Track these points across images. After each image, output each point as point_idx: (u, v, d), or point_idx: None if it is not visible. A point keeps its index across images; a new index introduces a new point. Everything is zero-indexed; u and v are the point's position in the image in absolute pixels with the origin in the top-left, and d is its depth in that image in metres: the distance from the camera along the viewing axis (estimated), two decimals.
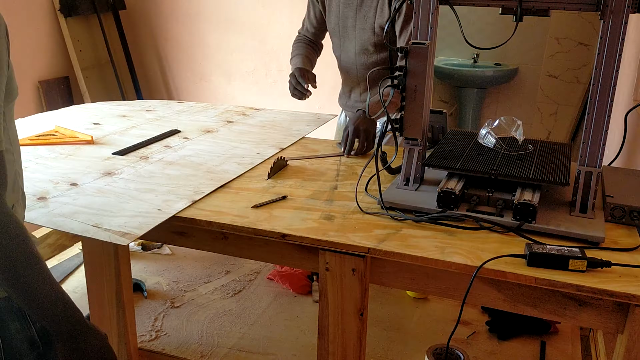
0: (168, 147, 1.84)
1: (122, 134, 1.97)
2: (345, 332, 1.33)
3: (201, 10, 3.54)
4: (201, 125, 2.10)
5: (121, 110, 2.30)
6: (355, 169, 1.70)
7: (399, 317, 1.97)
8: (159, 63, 3.77)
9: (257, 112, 2.30)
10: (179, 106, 2.39)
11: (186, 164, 1.69)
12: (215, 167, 1.67)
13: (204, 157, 1.75)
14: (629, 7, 1.20)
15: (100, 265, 1.53)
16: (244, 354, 1.79)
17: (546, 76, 3.47)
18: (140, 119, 2.16)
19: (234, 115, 2.24)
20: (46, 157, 1.72)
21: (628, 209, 1.32)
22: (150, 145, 1.85)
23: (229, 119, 2.19)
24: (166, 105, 2.41)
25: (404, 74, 1.36)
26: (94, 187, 1.52)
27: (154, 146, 1.85)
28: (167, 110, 2.32)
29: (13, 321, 1.01)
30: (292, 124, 2.13)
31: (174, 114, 2.26)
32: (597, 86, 1.27)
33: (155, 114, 2.24)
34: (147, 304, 2.04)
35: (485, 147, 1.54)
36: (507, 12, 1.37)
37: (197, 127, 2.07)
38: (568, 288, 1.11)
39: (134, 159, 1.73)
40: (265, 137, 1.97)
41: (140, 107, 2.36)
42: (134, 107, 2.33)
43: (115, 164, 1.68)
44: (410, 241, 1.25)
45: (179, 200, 1.43)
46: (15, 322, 1.01)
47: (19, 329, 1.01)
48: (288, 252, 1.37)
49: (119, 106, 2.37)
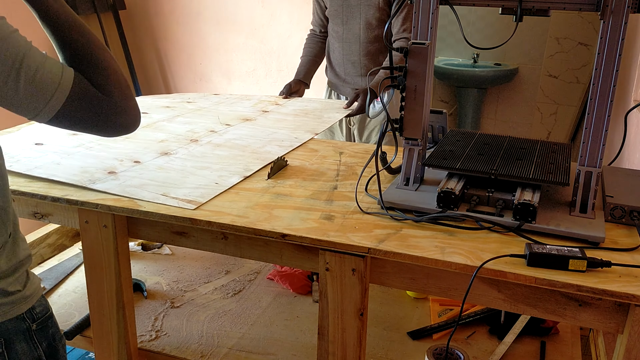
0: (213, 132, 2.01)
1: (170, 121, 2.13)
2: (345, 332, 1.33)
3: (201, 10, 3.54)
4: (239, 114, 2.25)
5: (164, 102, 2.46)
6: (355, 169, 1.70)
7: (399, 317, 1.97)
8: (159, 63, 3.77)
9: (289, 102, 2.44)
10: (216, 98, 2.54)
11: (232, 146, 1.86)
12: (259, 148, 1.85)
13: (247, 140, 1.92)
14: (629, 7, 1.20)
15: (100, 265, 1.53)
16: (244, 354, 1.79)
17: (546, 76, 3.47)
18: (182, 110, 2.32)
19: (268, 105, 2.39)
20: (107, 139, 1.89)
21: (628, 209, 1.32)
22: (197, 130, 2.04)
23: (263, 108, 2.34)
24: (204, 97, 2.55)
25: (404, 74, 1.36)
26: (155, 164, 1.70)
27: (201, 131, 2.02)
28: (205, 101, 2.46)
29: (20, 342, 1.00)
30: (322, 112, 2.27)
31: (212, 105, 2.41)
32: (597, 86, 1.27)
33: (195, 105, 2.39)
34: (147, 304, 2.04)
35: (486, 147, 1.54)
36: (507, 12, 1.37)
37: (236, 116, 2.22)
38: (568, 288, 1.11)
39: (185, 141, 1.91)
40: (300, 124, 2.13)
41: (181, 99, 2.52)
42: (175, 100, 2.50)
43: (170, 146, 1.86)
44: (410, 241, 1.25)
45: (232, 176, 1.60)
46: (22, 343, 1.00)
47: (25, 350, 1.00)
48: (288, 252, 1.37)
49: (160, 99, 2.54)
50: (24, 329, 1.00)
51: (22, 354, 1.00)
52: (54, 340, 1.06)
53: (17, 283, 1.00)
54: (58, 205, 1.55)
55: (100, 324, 1.59)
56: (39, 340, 1.02)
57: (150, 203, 1.43)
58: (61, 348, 1.09)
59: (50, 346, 1.04)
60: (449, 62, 3.69)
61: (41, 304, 1.05)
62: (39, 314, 1.03)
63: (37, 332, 1.02)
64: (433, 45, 1.41)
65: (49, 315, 1.06)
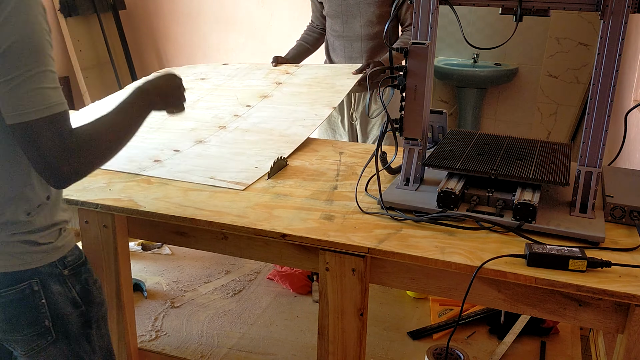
0: (237, 116, 2.05)
1: (193, 108, 2.12)
2: (345, 332, 1.33)
3: (201, 10, 3.54)
4: (255, 90, 2.24)
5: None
6: (355, 169, 1.70)
7: (399, 317, 1.97)
8: (159, 63, 3.77)
9: (298, 69, 2.42)
10: (226, 70, 2.51)
11: (259, 130, 1.92)
12: (284, 131, 1.91)
13: (271, 123, 1.97)
14: (629, 7, 1.20)
15: (100, 265, 1.53)
16: (244, 354, 1.79)
17: (546, 76, 3.47)
18: (200, 91, 2.30)
19: (280, 76, 2.36)
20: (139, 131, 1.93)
21: (628, 209, 1.32)
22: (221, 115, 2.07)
23: (276, 80, 2.32)
24: (214, 70, 2.51)
25: (404, 74, 1.36)
26: (193, 152, 1.79)
27: (226, 116, 2.06)
28: (218, 76, 2.43)
29: (55, 284, 1.12)
30: (334, 79, 2.26)
31: (225, 80, 2.38)
32: (597, 86, 1.27)
33: (210, 83, 2.36)
34: (147, 304, 2.04)
35: (486, 147, 1.54)
36: (507, 12, 1.37)
37: (252, 93, 2.22)
38: (568, 288, 1.11)
39: (214, 129, 1.95)
40: (315, 96, 2.13)
41: (193, 76, 2.47)
42: (188, 77, 2.44)
43: (201, 134, 1.92)
44: (410, 241, 1.25)
45: (268, 160, 1.67)
46: (57, 285, 1.13)
47: (60, 291, 1.13)
48: (288, 252, 1.37)
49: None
50: (57, 274, 1.13)
51: (58, 294, 1.13)
52: (87, 284, 1.18)
53: (50, 236, 1.12)
54: None
55: None
56: (72, 283, 1.15)
57: (152, 203, 1.43)
58: (95, 290, 1.21)
59: (83, 289, 1.17)
60: (449, 62, 3.68)
61: (74, 254, 1.17)
62: (71, 262, 1.15)
63: (69, 277, 1.15)
64: (433, 45, 1.41)
65: (82, 262, 1.19)
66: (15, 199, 1.07)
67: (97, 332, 1.22)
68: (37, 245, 1.10)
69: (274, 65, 2.45)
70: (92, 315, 1.19)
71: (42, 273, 1.11)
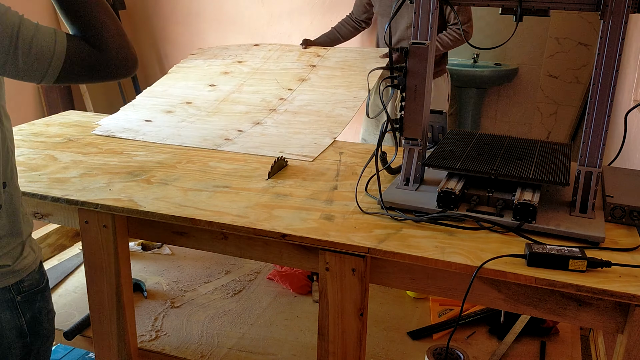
0: (283, 99, 2.20)
1: (240, 93, 2.28)
2: (345, 332, 1.33)
3: (201, 10, 3.54)
4: (292, 73, 2.39)
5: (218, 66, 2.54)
6: (355, 169, 1.70)
7: (399, 317, 1.97)
8: (159, 63, 3.77)
9: (327, 52, 2.53)
10: (259, 52, 2.62)
11: (307, 112, 2.08)
12: (330, 112, 2.07)
13: (316, 105, 2.12)
14: (629, 7, 1.20)
15: (100, 265, 1.53)
16: (244, 354, 1.79)
17: (546, 76, 3.47)
18: (241, 75, 2.44)
19: (311, 58, 2.50)
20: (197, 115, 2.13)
21: (628, 209, 1.32)
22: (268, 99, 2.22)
23: (309, 62, 2.46)
24: (247, 52, 2.62)
25: (404, 74, 1.36)
26: (255, 131, 1.97)
27: (272, 99, 2.20)
28: (253, 59, 2.55)
29: (4, 311, 1.05)
30: (364, 63, 2.38)
31: (261, 63, 2.51)
32: (597, 86, 1.27)
33: (248, 67, 2.49)
34: (147, 304, 2.04)
35: (486, 147, 1.53)
36: (507, 12, 1.37)
37: (291, 77, 2.36)
38: (568, 288, 1.11)
39: (266, 111, 2.12)
40: (350, 79, 2.28)
41: (231, 59, 2.58)
42: (225, 60, 2.57)
43: (256, 116, 2.08)
44: (410, 241, 1.25)
45: (324, 137, 1.87)
46: (6, 312, 1.06)
47: (9, 318, 1.06)
48: (288, 252, 1.37)
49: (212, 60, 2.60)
50: (9, 299, 1.06)
51: (5, 321, 1.07)
52: (39, 314, 1.12)
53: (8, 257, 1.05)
54: (58, 205, 1.56)
55: (100, 324, 1.59)
56: (23, 311, 1.08)
57: (152, 203, 1.43)
58: (46, 322, 1.15)
59: (34, 318, 1.10)
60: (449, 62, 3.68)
61: (32, 279, 1.10)
62: (26, 287, 1.08)
63: (21, 304, 1.08)
64: (433, 45, 1.41)
65: (39, 290, 1.12)
66: None
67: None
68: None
69: (303, 48, 2.57)
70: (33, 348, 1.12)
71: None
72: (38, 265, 1.13)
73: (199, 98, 2.27)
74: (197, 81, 2.43)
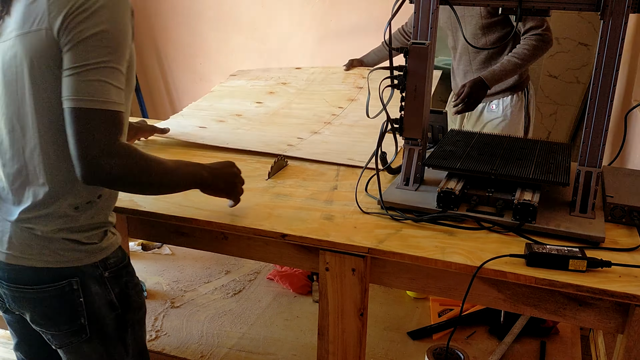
0: (334, 115, 2.16)
1: (290, 109, 2.24)
2: (345, 332, 1.33)
3: (201, 10, 3.54)
4: (340, 94, 2.33)
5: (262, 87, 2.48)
6: (355, 169, 1.70)
7: (399, 317, 1.97)
8: (159, 63, 3.77)
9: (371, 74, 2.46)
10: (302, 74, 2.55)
11: (363, 125, 2.01)
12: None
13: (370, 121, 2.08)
14: (629, 7, 1.20)
15: None
16: (244, 354, 1.79)
17: (546, 76, 3.47)
18: (286, 95, 2.39)
19: (357, 80, 2.43)
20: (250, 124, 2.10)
21: (628, 209, 1.32)
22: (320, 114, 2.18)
23: (355, 84, 2.40)
24: (290, 74, 2.56)
25: (404, 74, 1.36)
26: (317, 139, 1.92)
27: (324, 115, 2.16)
28: (297, 81, 2.49)
29: (94, 285, 1.14)
30: None
31: (306, 85, 2.44)
32: (597, 86, 1.27)
33: (293, 88, 2.43)
34: (147, 304, 2.04)
35: (486, 147, 1.53)
36: (507, 12, 1.37)
37: (339, 97, 2.31)
38: (568, 288, 1.11)
39: (320, 124, 2.08)
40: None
41: (273, 80, 2.53)
42: (268, 82, 2.52)
43: (312, 127, 2.05)
44: (410, 241, 1.25)
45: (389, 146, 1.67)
46: (96, 286, 1.14)
47: (99, 292, 1.14)
48: (288, 252, 1.37)
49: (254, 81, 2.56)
50: (98, 275, 1.14)
51: (96, 295, 1.14)
52: (126, 288, 1.20)
53: (94, 237, 1.14)
54: None
55: None
56: (112, 286, 1.16)
57: (152, 202, 1.43)
58: (134, 294, 1.22)
59: (122, 292, 1.18)
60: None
61: (116, 256, 1.18)
62: (113, 264, 1.17)
63: (109, 279, 1.16)
64: (433, 45, 1.41)
65: (124, 265, 1.19)
66: (67, 191, 1.09)
67: (132, 335, 1.22)
68: (80, 244, 1.12)
69: (345, 69, 2.49)
70: (128, 319, 1.20)
71: (83, 272, 1.12)
72: (119, 245, 1.21)
73: (248, 112, 2.24)
74: (243, 99, 2.41)
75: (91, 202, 1.13)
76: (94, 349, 1.17)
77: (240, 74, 2.69)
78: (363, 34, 3.10)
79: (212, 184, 1.27)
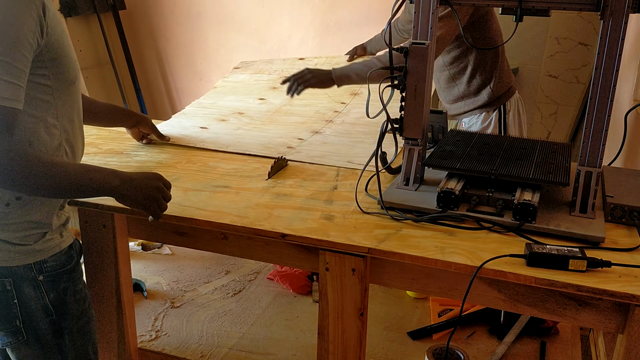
0: (337, 112, 2.16)
1: (292, 106, 2.23)
2: (345, 332, 1.33)
3: (201, 10, 3.54)
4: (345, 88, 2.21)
5: (266, 82, 2.49)
6: (355, 169, 1.70)
7: (399, 317, 1.97)
8: (159, 63, 3.77)
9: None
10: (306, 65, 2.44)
11: (365, 123, 2.00)
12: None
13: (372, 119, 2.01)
14: (629, 7, 1.20)
15: (101, 265, 1.53)
16: (244, 354, 1.79)
17: (546, 76, 3.47)
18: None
19: None
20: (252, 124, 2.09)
21: (628, 209, 1.32)
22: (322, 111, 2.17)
23: None
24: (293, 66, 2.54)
25: (404, 74, 1.36)
26: (317, 140, 1.90)
27: (326, 112, 2.15)
28: None
29: (27, 287, 1.12)
30: None
31: None
32: (597, 86, 1.27)
33: None
34: (147, 304, 2.04)
35: (486, 147, 1.53)
36: (507, 12, 1.37)
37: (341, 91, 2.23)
38: (568, 288, 1.11)
39: (322, 122, 2.07)
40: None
41: (277, 74, 2.52)
42: (271, 75, 2.51)
43: (313, 126, 2.03)
44: (410, 241, 1.25)
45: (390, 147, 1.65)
46: (29, 289, 1.12)
47: (33, 296, 1.12)
48: (288, 252, 1.37)
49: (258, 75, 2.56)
50: (31, 278, 1.12)
51: (29, 298, 1.13)
52: (64, 294, 1.17)
53: (29, 238, 1.12)
54: None
55: (100, 323, 1.59)
56: (46, 290, 1.14)
57: None
58: (73, 302, 1.19)
59: (58, 298, 1.16)
60: None
61: (56, 260, 1.15)
62: (50, 268, 1.14)
63: (44, 283, 1.13)
64: (433, 45, 1.41)
65: (65, 271, 1.17)
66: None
67: (71, 343, 1.20)
68: (11, 244, 1.10)
69: (348, 59, 2.51)
70: (64, 326, 1.17)
71: (16, 274, 1.11)
72: (66, 249, 1.18)
73: (251, 109, 2.24)
74: (246, 95, 2.40)
75: (22, 198, 1.10)
76: (32, 352, 1.16)
77: (244, 66, 2.69)
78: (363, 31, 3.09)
79: (127, 195, 1.17)
